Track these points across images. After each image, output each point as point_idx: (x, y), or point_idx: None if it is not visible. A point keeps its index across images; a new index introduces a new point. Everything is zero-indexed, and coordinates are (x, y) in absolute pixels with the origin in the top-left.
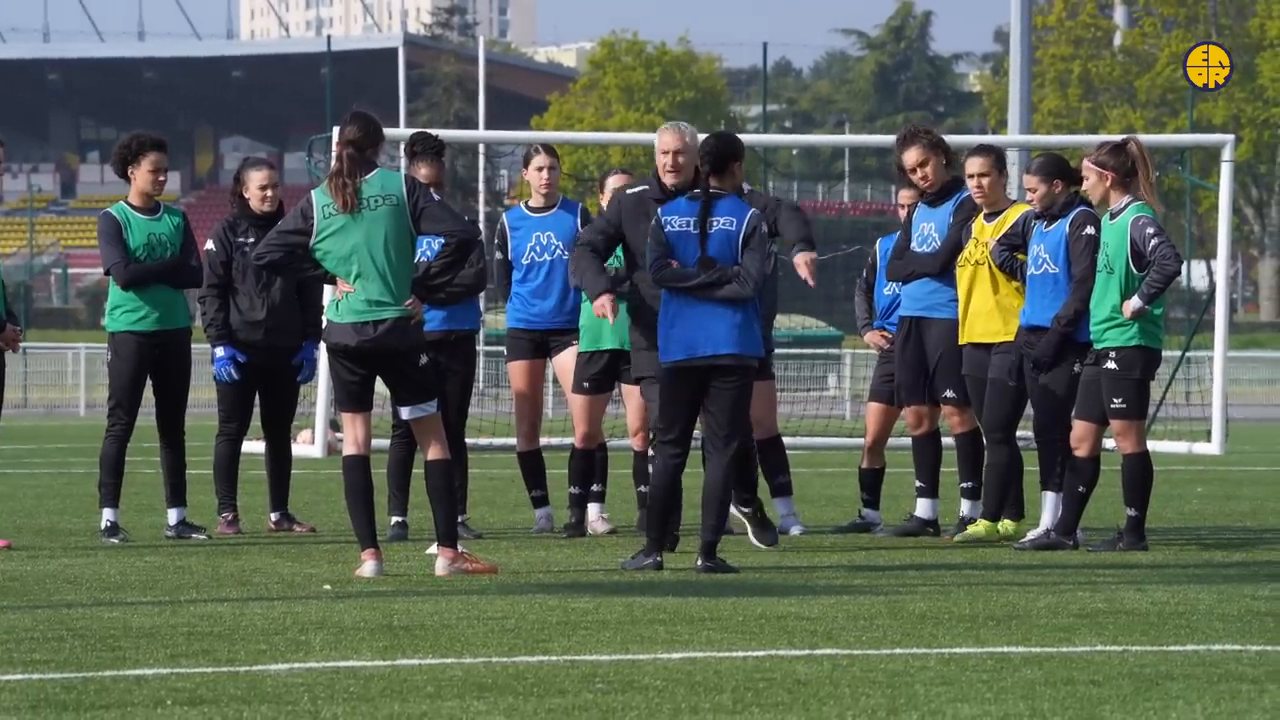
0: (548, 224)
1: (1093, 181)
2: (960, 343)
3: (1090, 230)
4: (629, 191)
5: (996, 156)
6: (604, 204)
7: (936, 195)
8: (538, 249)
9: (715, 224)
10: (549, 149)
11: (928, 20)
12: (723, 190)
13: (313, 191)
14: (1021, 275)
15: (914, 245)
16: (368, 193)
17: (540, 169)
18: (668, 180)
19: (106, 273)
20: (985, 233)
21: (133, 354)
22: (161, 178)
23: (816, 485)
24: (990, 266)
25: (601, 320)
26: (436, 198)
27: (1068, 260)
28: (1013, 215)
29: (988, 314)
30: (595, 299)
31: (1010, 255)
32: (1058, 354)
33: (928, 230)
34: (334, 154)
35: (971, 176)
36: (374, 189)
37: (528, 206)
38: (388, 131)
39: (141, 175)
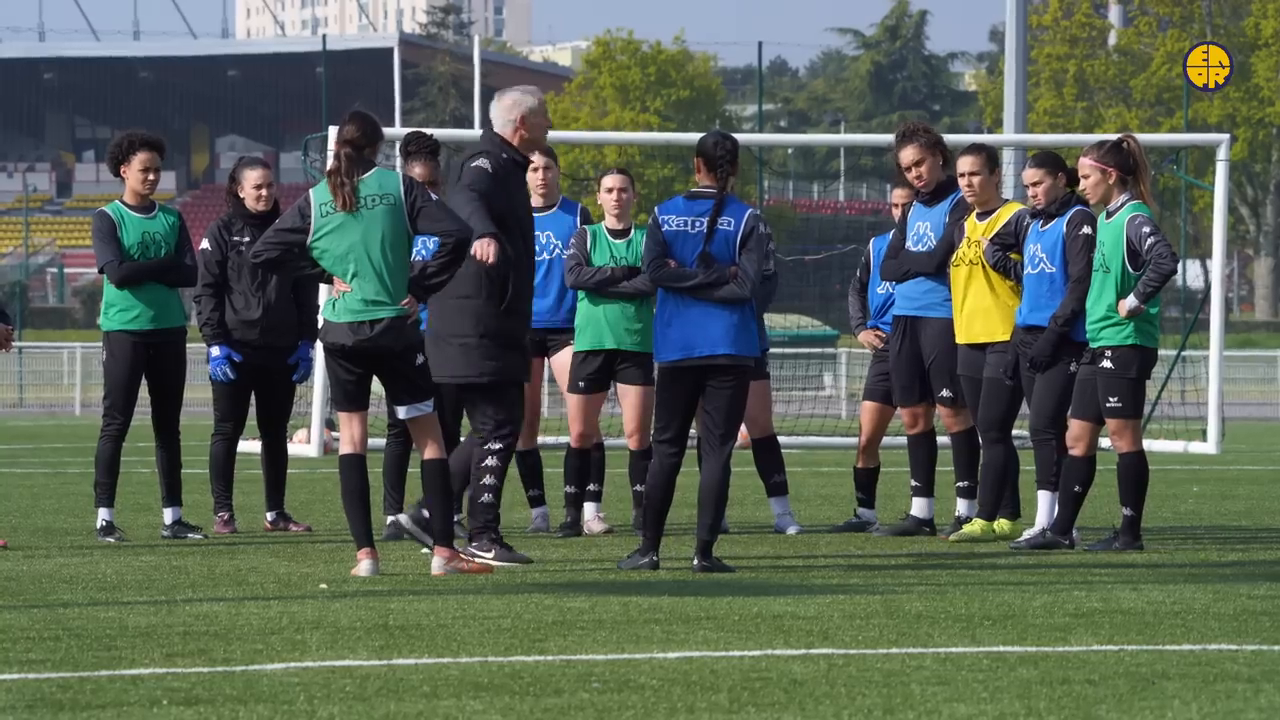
0: (546, 223)
1: (1095, 180)
2: (958, 342)
3: (1087, 230)
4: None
5: (988, 155)
6: (600, 203)
7: (932, 194)
8: (535, 248)
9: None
10: (545, 150)
11: (923, 19)
12: (715, 190)
13: (311, 190)
14: (1015, 274)
15: (909, 245)
16: (365, 192)
17: (535, 169)
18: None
19: (100, 271)
20: (978, 231)
21: (127, 353)
22: (152, 177)
23: (812, 484)
24: (985, 266)
25: (598, 320)
26: (434, 197)
27: (1064, 259)
28: (1005, 214)
29: (984, 313)
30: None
31: (1004, 255)
32: (1055, 353)
33: (923, 230)
34: (332, 153)
35: (962, 175)
36: (372, 188)
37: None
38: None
39: (133, 175)
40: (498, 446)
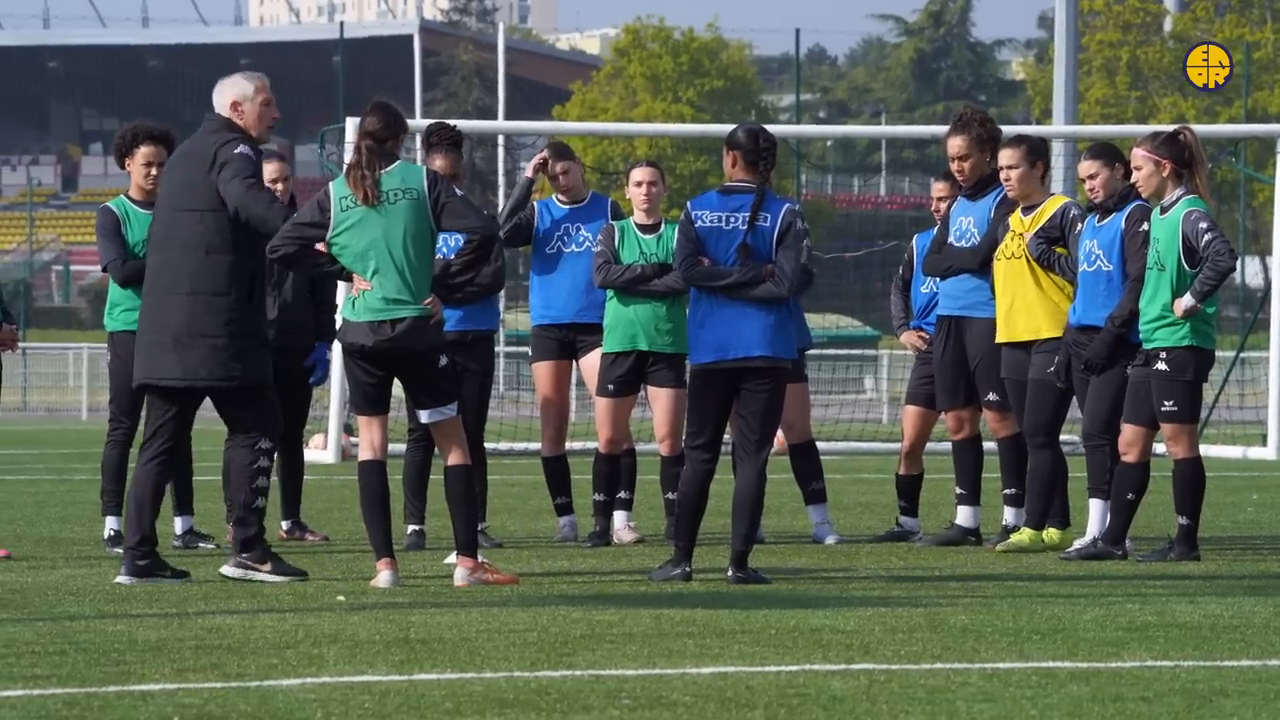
0: (577, 217)
1: (1149, 171)
2: (998, 341)
3: (1147, 226)
4: None
5: (1029, 148)
6: (629, 197)
7: (975, 188)
8: (565, 240)
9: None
10: (559, 151)
11: (968, 5)
12: (755, 184)
13: (330, 183)
14: (1060, 269)
15: (953, 239)
16: (387, 186)
17: (554, 175)
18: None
19: (104, 270)
20: (1022, 226)
21: (131, 355)
22: (156, 171)
23: (852, 492)
24: (1029, 261)
25: (629, 320)
26: (459, 192)
27: (1122, 257)
28: (1050, 208)
29: (1028, 311)
30: None
31: (1048, 249)
32: (1111, 355)
33: (967, 225)
34: (352, 145)
35: (1001, 169)
36: (394, 182)
37: (558, 199)
38: None
39: (136, 169)
40: (268, 445)
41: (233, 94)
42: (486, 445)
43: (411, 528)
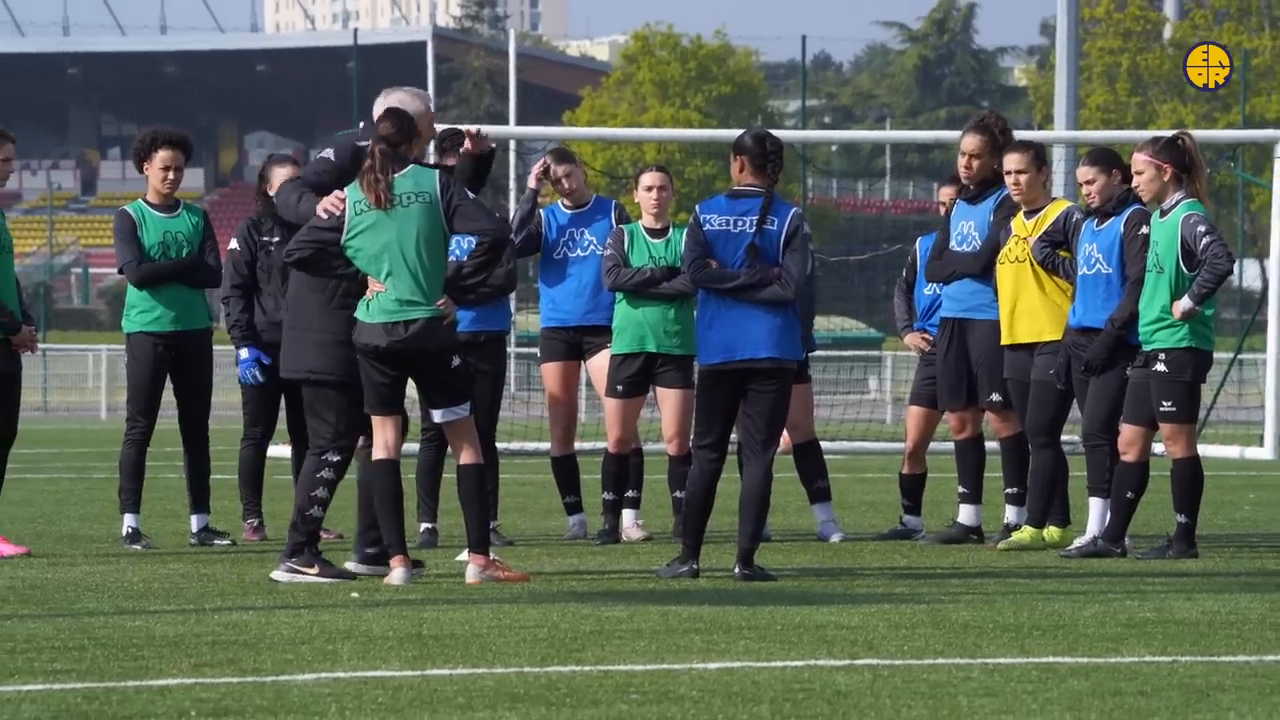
0: (580, 221)
1: (1150, 176)
2: (1003, 343)
3: (1146, 229)
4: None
5: (1035, 153)
6: (638, 201)
7: (975, 193)
8: (570, 244)
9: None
10: (560, 155)
11: (971, 12)
12: (763, 188)
13: (346, 188)
14: (1064, 272)
15: (953, 244)
16: (401, 189)
17: (558, 180)
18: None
19: (120, 272)
20: (1025, 230)
21: (148, 355)
22: (173, 176)
23: (857, 491)
24: (1033, 264)
25: (637, 322)
26: (471, 196)
27: (1122, 260)
28: (1053, 212)
29: (1032, 313)
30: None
31: (1052, 252)
32: (1111, 357)
33: (967, 229)
34: (368, 150)
35: (1009, 173)
36: (407, 185)
37: (563, 204)
38: None
39: (154, 173)
40: (336, 459)
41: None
42: (498, 445)
43: (424, 526)
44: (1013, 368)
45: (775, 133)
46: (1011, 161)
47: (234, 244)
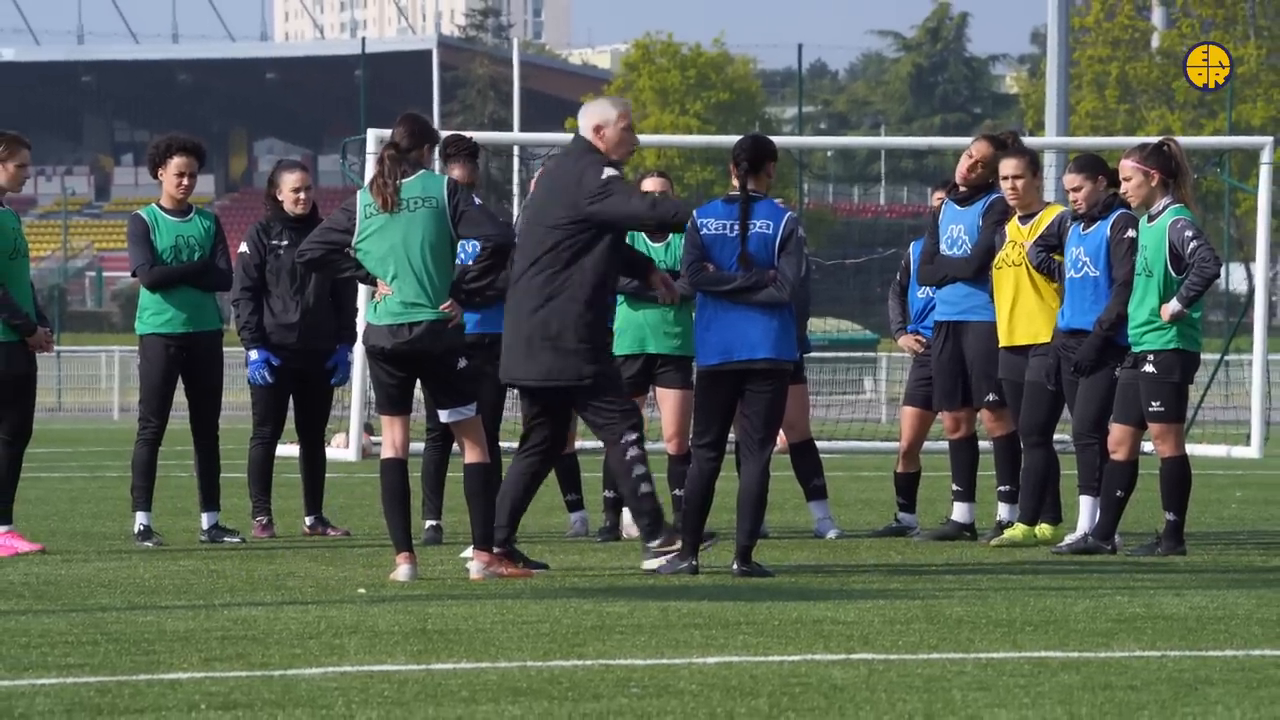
0: None
1: (1138, 181)
2: (1001, 345)
3: (1132, 233)
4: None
5: (1030, 158)
6: None
7: (965, 196)
8: None
9: (753, 226)
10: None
11: (964, 22)
12: (759, 192)
13: (358, 192)
14: (1059, 277)
15: (943, 248)
16: (408, 194)
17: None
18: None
19: (133, 274)
20: (1021, 235)
21: (160, 356)
22: (187, 181)
23: (852, 489)
24: (1028, 268)
25: (638, 323)
26: (477, 201)
27: (1108, 263)
28: (1047, 217)
29: (1028, 316)
30: None
31: (1047, 256)
32: (1099, 358)
33: (957, 233)
34: (375, 156)
35: (1005, 178)
36: (414, 190)
37: None
38: None
39: (168, 178)
40: (634, 435)
41: (596, 118)
42: (502, 444)
43: (429, 523)
44: (1007, 368)
45: (773, 139)
46: (1009, 167)
47: (244, 247)
